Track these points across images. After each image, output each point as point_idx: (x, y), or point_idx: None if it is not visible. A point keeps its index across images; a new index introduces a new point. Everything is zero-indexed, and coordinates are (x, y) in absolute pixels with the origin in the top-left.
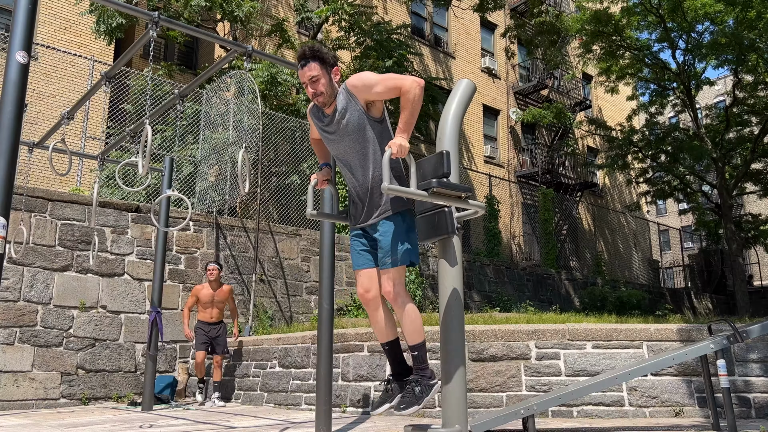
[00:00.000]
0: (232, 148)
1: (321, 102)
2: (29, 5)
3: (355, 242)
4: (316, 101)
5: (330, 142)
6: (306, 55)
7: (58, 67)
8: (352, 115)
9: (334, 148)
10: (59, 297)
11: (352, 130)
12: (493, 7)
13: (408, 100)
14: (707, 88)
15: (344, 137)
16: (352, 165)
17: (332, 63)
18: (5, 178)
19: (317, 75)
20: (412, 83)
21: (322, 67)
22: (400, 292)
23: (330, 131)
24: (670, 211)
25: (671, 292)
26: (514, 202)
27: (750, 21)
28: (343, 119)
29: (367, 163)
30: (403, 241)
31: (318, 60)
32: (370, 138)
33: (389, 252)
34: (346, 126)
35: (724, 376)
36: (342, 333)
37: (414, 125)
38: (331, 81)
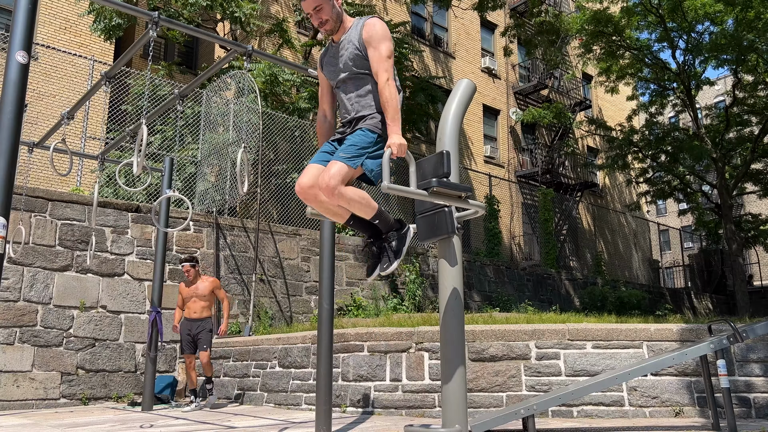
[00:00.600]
0: (232, 148)
1: (328, 29)
2: (29, 5)
3: (327, 144)
4: (324, 29)
5: (334, 75)
6: None
7: (58, 67)
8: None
9: (334, 75)
10: (59, 297)
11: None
12: (493, 7)
13: (386, 100)
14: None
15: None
16: (349, 93)
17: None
18: (5, 178)
19: (319, 4)
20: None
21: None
22: (338, 186)
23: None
24: (670, 211)
25: (671, 292)
26: (514, 202)
27: (749, 21)
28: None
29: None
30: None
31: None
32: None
33: (346, 148)
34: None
35: (724, 376)
36: (342, 333)
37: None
38: (334, 6)
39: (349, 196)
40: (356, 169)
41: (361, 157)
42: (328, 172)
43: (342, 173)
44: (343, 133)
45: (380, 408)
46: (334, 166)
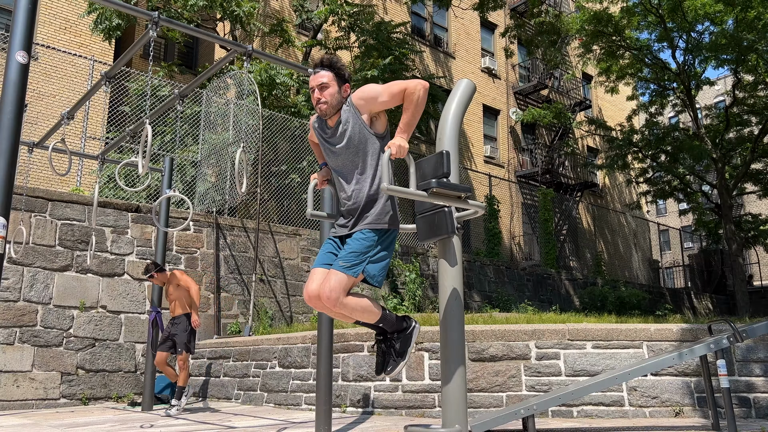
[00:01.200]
0: (232, 149)
1: (323, 111)
2: (29, 5)
3: (329, 244)
4: (319, 109)
5: (330, 155)
6: (323, 63)
7: (58, 67)
8: (354, 129)
9: (333, 160)
10: (59, 297)
11: (353, 145)
12: (493, 7)
13: (412, 102)
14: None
15: (344, 151)
16: (348, 179)
17: (345, 78)
18: (5, 178)
19: (327, 83)
20: (417, 84)
21: (334, 78)
22: (339, 297)
23: (332, 143)
24: (670, 211)
25: (671, 292)
26: (514, 202)
27: (750, 21)
28: (345, 133)
29: (363, 179)
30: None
31: (333, 70)
32: (370, 153)
33: (346, 257)
34: (348, 140)
35: (724, 376)
36: (342, 333)
37: (414, 127)
38: (338, 94)
39: (351, 306)
40: (357, 277)
41: (361, 264)
42: (328, 284)
43: (342, 284)
44: (344, 225)
45: (380, 408)
46: (334, 276)
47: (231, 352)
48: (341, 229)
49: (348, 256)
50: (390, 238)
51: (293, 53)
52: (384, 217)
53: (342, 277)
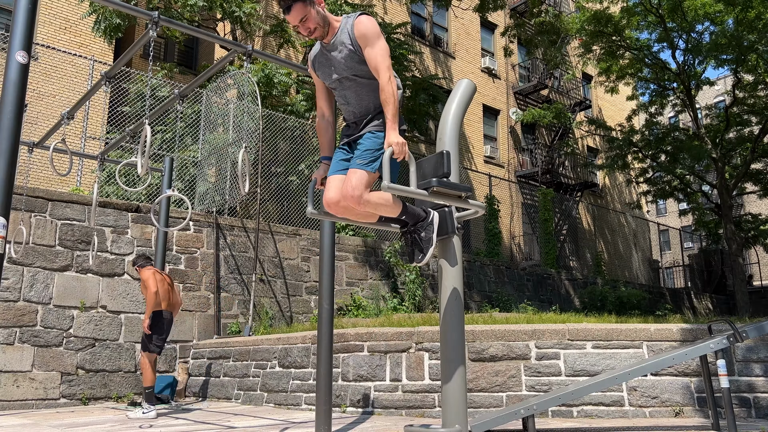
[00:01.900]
0: (232, 149)
1: (318, 35)
2: (29, 5)
3: (339, 151)
4: (314, 37)
5: (328, 76)
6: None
7: (58, 67)
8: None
9: (329, 79)
10: (59, 297)
11: (347, 62)
12: (494, 7)
13: (387, 98)
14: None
15: (341, 65)
16: (347, 93)
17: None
18: (5, 178)
19: (304, 15)
20: (390, 79)
21: (305, 5)
22: (363, 193)
23: (327, 64)
24: (670, 211)
25: (671, 292)
26: (514, 202)
27: (750, 21)
28: (341, 50)
29: (362, 92)
30: (380, 150)
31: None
32: (365, 72)
33: (362, 154)
34: (343, 57)
35: (724, 376)
36: (342, 333)
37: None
38: (319, 12)
39: (374, 201)
40: (375, 172)
41: (378, 160)
42: (350, 182)
43: (364, 181)
44: (350, 136)
45: (380, 408)
46: (354, 175)
47: (231, 352)
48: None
49: (364, 153)
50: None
51: (293, 53)
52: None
53: (362, 173)
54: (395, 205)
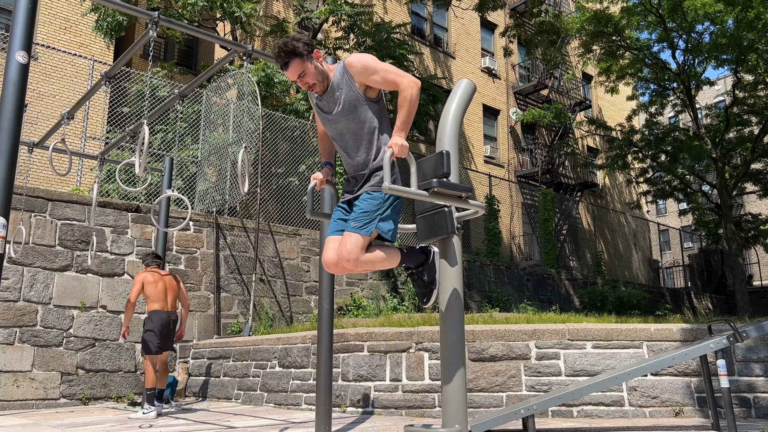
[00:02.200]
0: (232, 149)
1: (318, 91)
2: (29, 5)
3: (338, 211)
4: (313, 91)
5: (327, 122)
6: (281, 57)
7: (58, 67)
8: (347, 94)
9: (331, 128)
10: (59, 297)
11: (347, 110)
12: (494, 7)
13: (405, 99)
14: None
15: (340, 116)
16: (347, 145)
17: (310, 50)
18: (5, 178)
19: (302, 71)
20: (410, 83)
21: (303, 61)
22: (358, 257)
23: (326, 110)
24: (670, 211)
25: (671, 292)
26: (514, 202)
27: (750, 21)
28: (339, 98)
29: (361, 144)
30: (376, 212)
31: (295, 56)
32: (366, 118)
33: (357, 217)
34: (342, 105)
35: (724, 376)
36: (342, 333)
37: (410, 124)
38: (317, 67)
39: (371, 261)
40: (371, 235)
41: (373, 222)
42: (345, 247)
43: (358, 245)
44: (349, 193)
45: (380, 408)
46: (349, 239)
47: (231, 352)
48: (347, 195)
49: (359, 216)
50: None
51: None
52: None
53: (356, 237)
54: (392, 259)
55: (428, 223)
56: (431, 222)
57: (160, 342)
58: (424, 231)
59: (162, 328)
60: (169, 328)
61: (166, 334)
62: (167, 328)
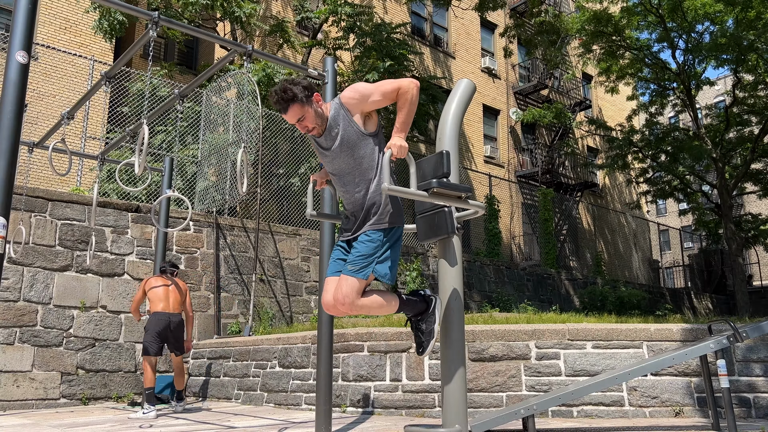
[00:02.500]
0: (232, 149)
1: (317, 134)
2: (29, 5)
3: (337, 250)
4: (312, 134)
5: (325, 158)
6: (280, 103)
7: (58, 67)
8: (345, 131)
9: (329, 164)
10: (59, 297)
11: (346, 147)
12: (494, 7)
13: (406, 100)
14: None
15: (338, 153)
16: (346, 181)
17: (309, 95)
18: (5, 178)
19: (301, 115)
20: (409, 83)
21: (302, 105)
22: (354, 300)
23: (324, 147)
24: (670, 211)
25: (671, 292)
26: (514, 202)
27: (750, 21)
28: (337, 135)
29: (361, 181)
30: (373, 256)
31: (295, 101)
32: (365, 154)
33: (354, 260)
34: (340, 142)
35: (724, 376)
36: (342, 333)
37: (410, 125)
38: (316, 110)
39: (367, 306)
40: (367, 279)
41: (370, 266)
42: (341, 290)
43: (355, 288)
44: (348, 230)
45: (380, 408)
46: (345, 282)
47: (231, 352)
48: (346, 234)
49: (356, 260)
50: (395, 236)
51: (293, 53)
52: (386, 217)
53: (353, 281)
54: (390, 306)
55: (428, 223)
56: (431, 222)
57: (158, 343)
58: (424, 231)
59: (161, 330)
60: (169, 330)
61: (166, 336)
62: (167, 330)
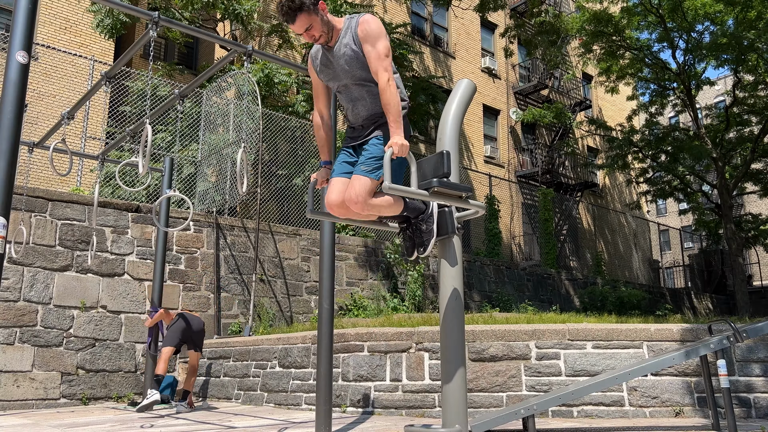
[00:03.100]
0: (232, 149)
1: (323, 42)
2: (29, 5)
3: (344, 153)
4: (319, 43)
5: (332, 77)
6: (288, 13)
7: (58, 67)
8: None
9: (334, 82)
10: (59, 297)
11: (353, 63)
12: (494, 7)
13: (386, 103)
14: (707, 88)
15: (344, 70)
16: (353, 96)
17: (315, 2)
18: (5, 178)
19: (309, 24)
20: (386, 84)
21: (309, 14)
22: (366, 199)
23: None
24: (670, 211)
25: (671, 292)
26: (514, 202)
27: (750, 21)
28: (346, 51)
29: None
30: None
31: (301, 11)
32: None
33: (366, 161)
34: (346, 59)
35: (724, 376)
36: (342, 333)
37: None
38: (323, 18)
39: (378, 205)
40: (379, 179)
41: (381, 168)
42: (354, 189)
43: (367, 188)
44: (355, 138)
45: (380, 408)
46: (358, 181)
47: (231, 352)
48: (352, 141)
49: (368, 160)
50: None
51: (293, 54)
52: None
53: (365, 180)
54: (397, 205)
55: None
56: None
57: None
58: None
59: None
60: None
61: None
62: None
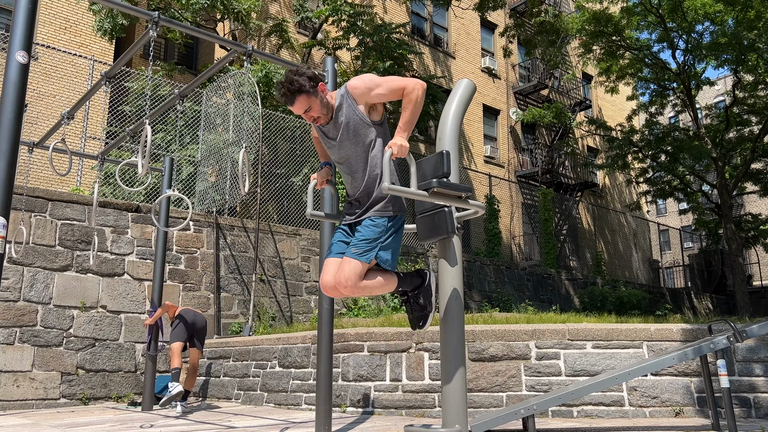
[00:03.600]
0: (231, 148)
1: (323, 122)
2: (29, 5)
3: (339, 232)
4: (318, 123)
5: (331, 148)
6: (287, 95)
7: (58, 67)
8: (351, 119)
9: (335, 153)
10: (59, 297)
11: (352, 134)
12: (494, 7)
13: (411, 101)
14: (707, 88)
15: (344, 141)
16: (353, 169)
17: (314, 85)
18: (5, 178)
19: (308, 106)
20: (416, 84)
21: (308, 96)
22: (356, 283)
23: (330, 136)
24: (670, 211)
25: (671, 292)
26: (514, 202)
27: (750, 21)
28: (342, 123)
29: (367, 169)
30: (377, 240)
31: (300, 93)
32: (370, 142)
33: (358, 244)
34: (346, 129)
35: (724, 376)
36: (342, 333)
37: (414, 126)
38: (322, 100)
39: (369, 287)
40: (370, 263)
41: (373, 250)
42: (343, 273)
43: (357, 271)
44: (351, 215)
45: (380, 408)
46: (348, 265)
47: (231, 352)
48: (350, 217)
49: (360, 243)
50: (399, 223)
51: (293, 54)
52: (391, 204)
53: (356, 264)
54: (389, 284)
55: (428, 223)
56: (431, 222)
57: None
58: (424, 231)
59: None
60: (195, 326)
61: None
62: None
